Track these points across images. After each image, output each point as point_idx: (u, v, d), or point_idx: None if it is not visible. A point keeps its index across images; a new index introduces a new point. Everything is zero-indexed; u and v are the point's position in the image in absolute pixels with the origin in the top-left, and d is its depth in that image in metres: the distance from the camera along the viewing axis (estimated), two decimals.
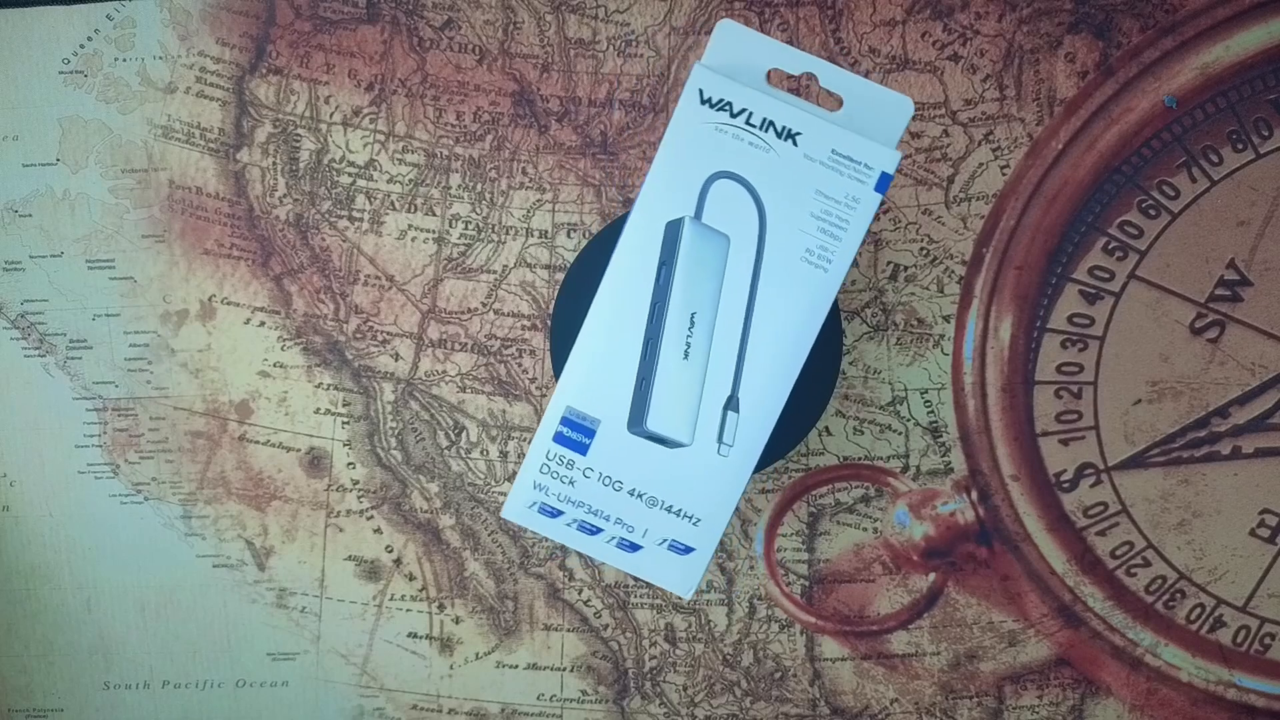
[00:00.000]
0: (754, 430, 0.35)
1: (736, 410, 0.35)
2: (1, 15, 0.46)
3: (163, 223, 0.47)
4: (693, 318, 0.34)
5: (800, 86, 0.45)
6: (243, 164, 0.47)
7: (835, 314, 0.42)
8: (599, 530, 0.35)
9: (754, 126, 0.34)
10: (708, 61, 0.34)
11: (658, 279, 0.34)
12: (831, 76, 0.34)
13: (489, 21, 0.46)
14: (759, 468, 0.38)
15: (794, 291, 0.34)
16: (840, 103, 0.36)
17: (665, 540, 0.35)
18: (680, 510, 0.35)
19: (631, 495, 0.35)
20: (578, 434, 0.35)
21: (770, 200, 0.34)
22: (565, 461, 0.35)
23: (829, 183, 0.34)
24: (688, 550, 0.35)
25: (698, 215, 0.34)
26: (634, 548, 0.35)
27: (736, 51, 0.34)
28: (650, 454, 0.35)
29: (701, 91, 0.34)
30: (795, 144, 0.34)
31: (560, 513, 0.35)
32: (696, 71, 0.33)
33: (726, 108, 0.34)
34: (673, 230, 0.34)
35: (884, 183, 0.34)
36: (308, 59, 0.46)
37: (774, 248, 0.34)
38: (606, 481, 0.35)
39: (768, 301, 0.34)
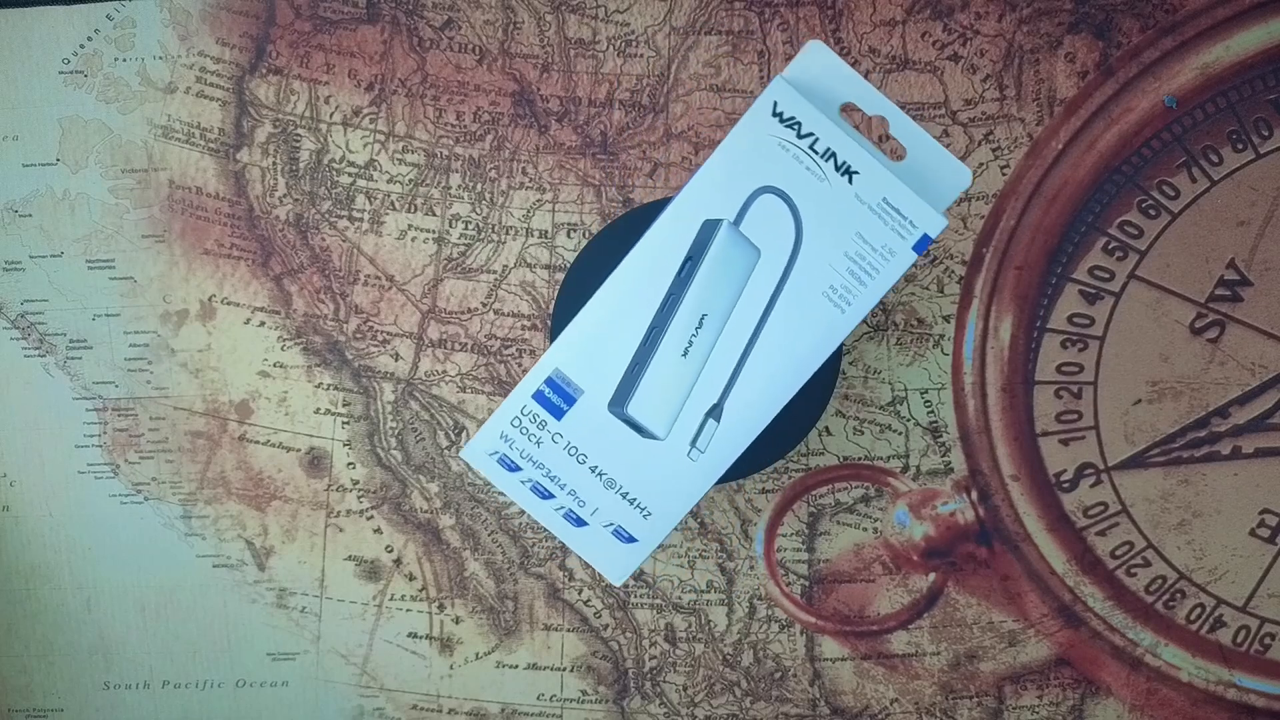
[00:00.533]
0: (729, 443, 0.35)
1: (718, 420, 0.35)
2: (1, 15, 0.46)
3: (163, 223, 0.47)
4: (702, 319, 0.34)
5: (864, 124, 0.45)
6: (243, 164, 0.47)
7: None
8: (551, 496, 0.35)
9: (816, 153, 0.34)
10: (789, 76, 0.34)
11: (680, 272, 0.34)
12: (903, 126, 0.34)
13: (489, 21, 0.46)
14: (729, 477, 0.38)
15: (807, 322, 0.34)
16: (904, 155, 0.36)
17: (612, 524, 0.35)
18: (635, 500, 0.35)
19: (592, 472, 0.35)
20: (558, 397, 0.35)
21: (810, 228, 0.34)
22: (538, 421, 0.34)
23: (871, 228, 0.34)
24: (631, 540, 0.35)
25: (736, 222, 0.34)
26: (580, 523, 0.35)
27: (819, 75, 0.34)
28: (622, 437, 0.35)
29: (776, 104, 0.34)
30: (850, 181, 0.34)
31: (519, 469, 0.35)
32: (777, 84, 0.33)
33: (795, 126, 0.34)
34: (708, 229, 0.34)
35: (923, 244, 0.34)
36: (308, 59, 0.46)
37: (800, 275, 0.34)
38: (572, 451, 0.35)
39: (779, 325, 0.34)
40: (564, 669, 0.48)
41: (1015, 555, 0.47)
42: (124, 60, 0.46)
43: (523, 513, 0.48)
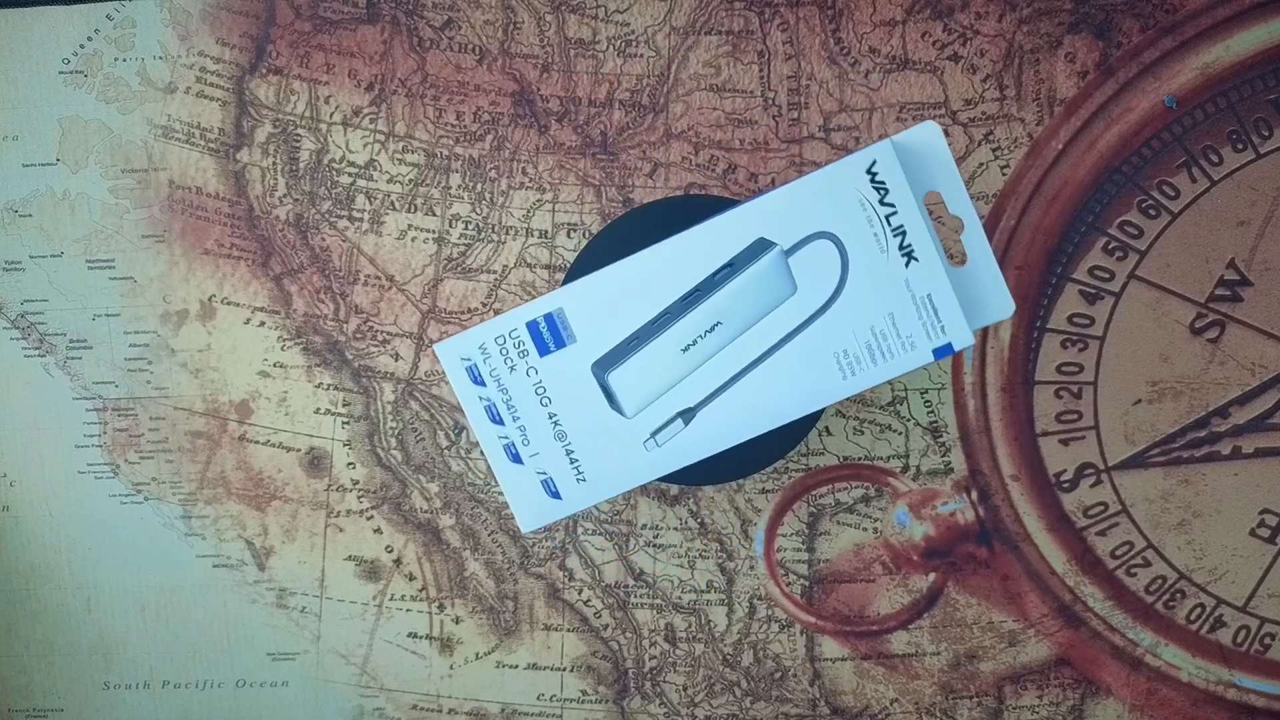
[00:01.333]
0: (686, 450, 0.35)
1: (686, 423, 0.35)
2: (1, 15, 0.46)
3: (163, 223, 0.47)
4: (715, 325, 0.34)
5: (941, 214, 0.45)
6: (243, 164, 0.47)
7: None
8: (500, 423, 0.35)
9: (889, 224, 0.34)
10: (898, 142, 0.34)
11: (714, 274, 0.34)
12: (975, 236, 0.35)
13: (489, 21, 0.46)
14: (690, 479, 0.38)
15: (807, 374, 0.35)
16: (963, 262, 0.36)
17: (545, 474, 0.35)
18: (577, 461, 0.35)
19: (550, 418, 0.35)
20: (551, 336, 0.35)
21: (851, 289, 0.34)
22: (521, 349, 0.35)
23: (906, 316, 0.34)
24: (556, 495, 0.35)
25: (788, 252, 0.34)
26: (516, 459, 0.35)
27: (923, 153, 0.35)
28: (591, 399, 0.35)
29: (875, 163, 0.34)
30: (907, 265, 0.34)
31: (483, 384, 0.35)
32: (884, 146, 0.34)
33: (881, 191, 0.34)
34: (759, 247, 0.34)
35: (944, 352, 0.35)
36: (308, 59, 0.46)
37: (822, 327, 0.34)
38: (540, 391, 0.35)
39: (781, 364, 0.35)
40: (564, 669, 0.48)
41: (1015, 555, 0.47)
42: (124, 60, 0.46)
43: None
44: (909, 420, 0.47)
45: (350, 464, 0.48)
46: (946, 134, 0.46)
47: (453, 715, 0.49)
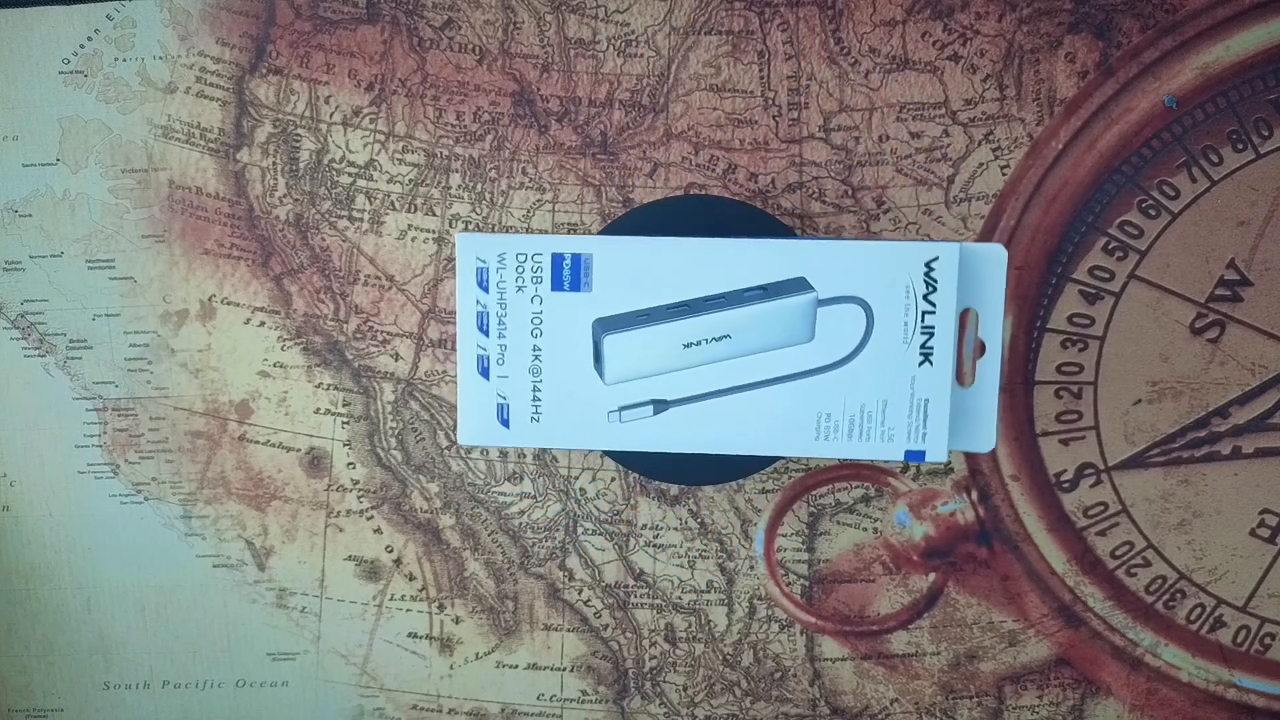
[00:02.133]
0: (644, 437, 0.35)
1: (655, 413, 0.35)
2: (1, 15, 0.46)
3: (163, 223, 0.47)
4: (724, 338, 0.34)
5: (968, 329, 0.46)
6: (243, 164, 0.47)
7: None
8: (486, 334, 0.35)
9: (922, 321, 0.35)
10: (965, 250, 0.35)
11: (745, 290, 0.34)
12: (990, 368, 0.36)
13: (489, 21, 0.46)
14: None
15: (785, 421, 0.35)
16: (969, 385, 0.36)
17: (505, 400, 0.35)
18: (540, 401, 0.35)
19: (533, 350, 0.35)
20: (570, 275, 0.35)
21: (860, 363, 0.35)
22: (536, 275, 0.34)
23: (897, 409, 0.35)
24: (505, 424, 0.35)
25: (821, 302, 0.34)
26: (484, 373, 0.35)
27: (979, 271, 0.35)
28: (578, 350, 0.35)
29: (934, 261, 0.34)
30: (919, 364, 0.35)
31: (486, 290, 0.34)
32: (952, 249, 0.34)
33: (930, 288, 0.34)
34: (796, 285, 0.34)
35: (915, 456, 0.35)
36: (308, 59, 0.46)
37: (818, 383, 0.35)
38: (535, 322, 0.35)
39: (765, 400, 0.35)
40: (564, 669, 0.48)
41: (1015, 555, 0.47)
42: (124, 60, 0.46)
43: (523, 513, 0.48)
44: None
45: (350, 464, 0.48)
46: (946, 134, 0.46)
47: (453, 715, 0.49)
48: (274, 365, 0.47)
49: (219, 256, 0.47)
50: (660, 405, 0.35)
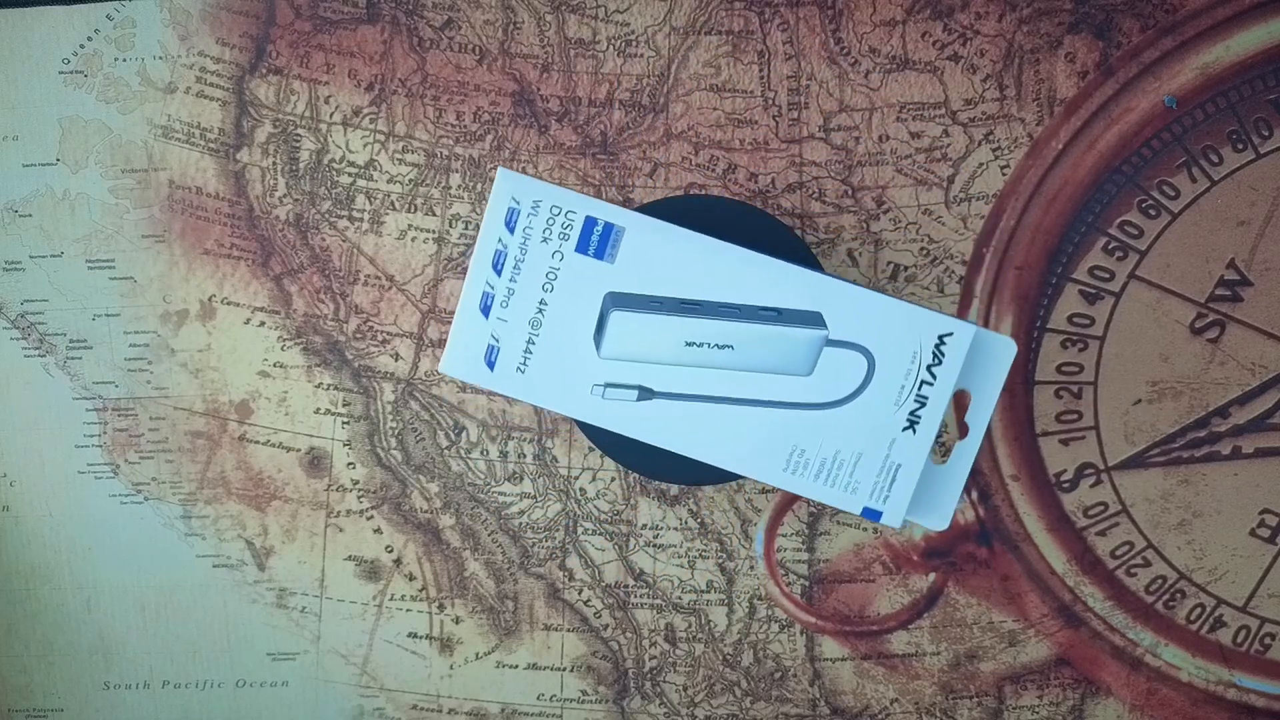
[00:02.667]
0: (619, 418, 0.35)
1: (638, 400, 0.35)
2: (1, 15, 0.46)
3: (163, 223, 0.47)
4: (726, 347, 0.35)
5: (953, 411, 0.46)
6: (243, 164, 0.47)
7: None
8: (499, 274, 0.35)
9: (917, 389, 0.35)
10: (978, 335, 0.35)
11: (762, 308, 0.35)
12: (966, 452, 0.36)
13: (489, 21, 0.46)
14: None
15: (759, 443, 0.35)
16: (944, 462, 0.37)
17: (498, 343, 0.35)
18: (530, 354, 0.35)
19: (539, 304, 0.35)
20: (596, 241, 0.35)
21: (848, 410, 0.35)
22: (564, 233, 0.35)
23: (868, 466, 0.35)
24: (490, 366, 0.35)
25: (830, 342, 0.35)
26: (485, 312, 0.35)
27: (987, 359, 0.36)
28: (584, 317, 0.35)
29: (945, 337, 0.35)
30: (903, 429, 0.35)
31: (511, 232, 0.35)
32: (968, 329, 0.34)
33: (937, 360, 0.35)
34: (810, 318, 0.35)
35: (872, 515, 0.36)
36: (308, 59, 0.46)
37: (802, 418, 0.35)
38: (549, 277, 0.35)
39: (746, 419, 0.35)
40: (564, 669, 0.48)
41: (1015, 555, 0.47)
42: (124, 60, 0.46)
43: (523, 513, 0.48)
44: None
45: (350, 464, 0.48)
46: (946, 134, 0.46)
47: (453, 715, 0.49)
48: (274, 365, 0.47)
49: (219, 256, 0.47)
50: (645, 393, 0.35)
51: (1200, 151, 0.45)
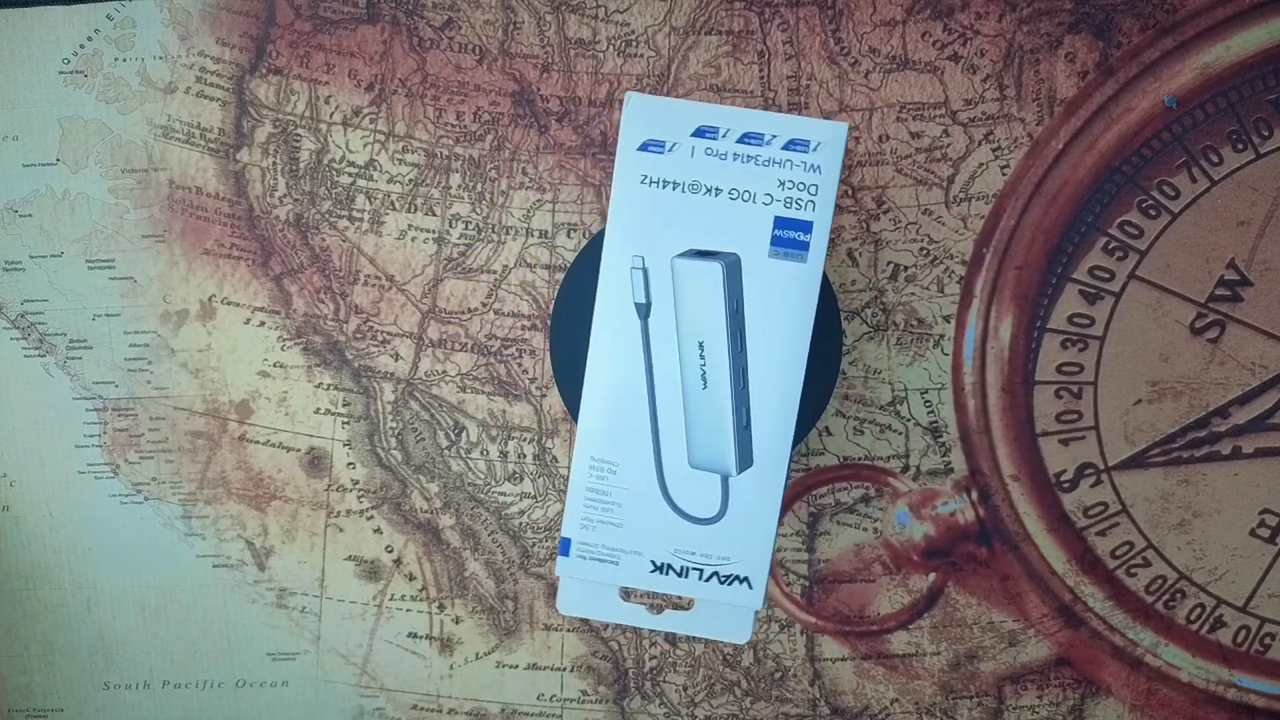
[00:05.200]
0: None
1: (639, 316, 0.36)
2: (1, 15, 0.46)
3: (163, 223, 0.47)
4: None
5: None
6: (243, 164, 0.47)
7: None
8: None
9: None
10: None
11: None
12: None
13: (489, 21, 0.46)
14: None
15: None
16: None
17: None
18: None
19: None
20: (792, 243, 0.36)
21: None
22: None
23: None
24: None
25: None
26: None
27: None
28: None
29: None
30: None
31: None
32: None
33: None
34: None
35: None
36: (308, 59, 0.46)
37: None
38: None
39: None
40: (564, 669, 0.48)
41: (1015, 555, 0.47)
42: (124, 60, 0.46)
43: (523, 513, 0.48)
44: (909, 420, 0.47)
45: (350, 464, 0.48)
46: (946, 134, 0.46)
47: (453, 715, 0.49)
48: (274, 365, 0.47)
49: (219, 256, 0.47)
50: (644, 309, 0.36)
51: (1200, 151, 0.45)
